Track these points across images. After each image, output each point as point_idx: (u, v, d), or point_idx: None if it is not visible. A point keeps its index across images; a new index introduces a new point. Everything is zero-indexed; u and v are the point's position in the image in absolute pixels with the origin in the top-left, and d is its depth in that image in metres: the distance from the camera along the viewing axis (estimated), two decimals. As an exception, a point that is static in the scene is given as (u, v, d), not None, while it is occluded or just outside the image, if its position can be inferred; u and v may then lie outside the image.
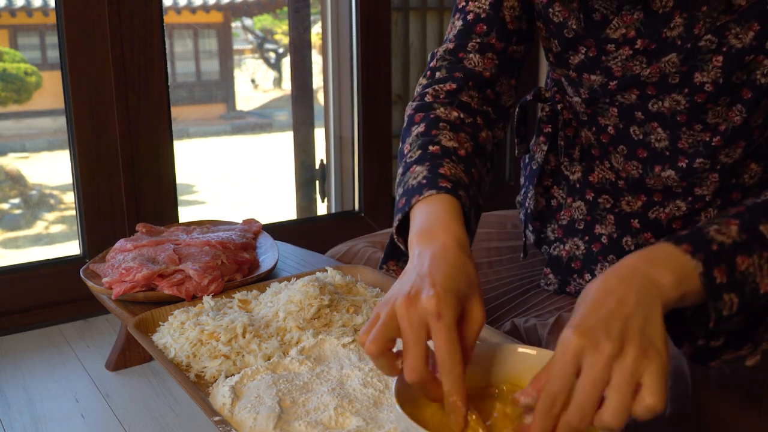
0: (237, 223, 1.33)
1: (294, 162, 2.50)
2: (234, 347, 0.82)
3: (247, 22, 5.40)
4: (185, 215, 3.91)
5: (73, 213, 1.70)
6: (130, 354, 1.38)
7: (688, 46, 0.77)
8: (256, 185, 4.37)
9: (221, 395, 0.72)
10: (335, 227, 2.09)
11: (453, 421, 0.56)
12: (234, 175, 4.53)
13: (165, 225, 1.34)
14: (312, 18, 2.49)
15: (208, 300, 0.95)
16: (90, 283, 1.09)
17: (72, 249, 1.73)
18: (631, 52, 0.81)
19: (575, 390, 0.51)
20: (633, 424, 0.64)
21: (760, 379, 0.72)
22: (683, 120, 0.82)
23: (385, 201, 2.15)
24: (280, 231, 1.89)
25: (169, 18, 4.64)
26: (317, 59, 2.54)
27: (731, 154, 0.83)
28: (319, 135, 2.29)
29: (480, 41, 0.87)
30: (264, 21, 5.45)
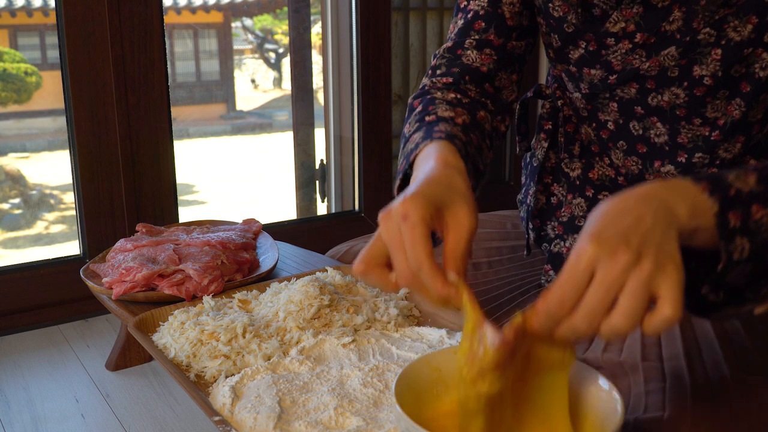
0: (237, 223, 1.33)
1: (294, 162, 2.50)
2: (234, 347, 0.82)
3: (247, 22, 5.40)
4: (185, 215, 3.92)
5: (73, 213, 1.71)
6: (130, 354, 1.38)
7: (687, 39, 0.78)
8: (256, 185, 4.37)
9: (221, 395, 0.73)
10: (335, 227, 2.09)
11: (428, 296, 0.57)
12: (234, 175, 4.53)
13: (165, 225, 1.34)
14: (312, 18, 2.49)
15: (208, 300, 0.95)
16: (90, 283, 1.09)
17: (72, 249, 1.73)
18: (631, 45, 0.81)
19: (586, 294, 0.50)
20: (632, 423, 0.64)
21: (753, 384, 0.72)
22: (682, 114, 0.82)
23: (386, 201, 2.14)
24: (280, 231, 1.89)
25: (169, 18, 4.65)
26: (317, 59, 2.54)
27: (730, 149, 0.83)
28: (319, 135, 2.29)
29: (478, 38, 0.89)
30: (264, 21, 5.46)
